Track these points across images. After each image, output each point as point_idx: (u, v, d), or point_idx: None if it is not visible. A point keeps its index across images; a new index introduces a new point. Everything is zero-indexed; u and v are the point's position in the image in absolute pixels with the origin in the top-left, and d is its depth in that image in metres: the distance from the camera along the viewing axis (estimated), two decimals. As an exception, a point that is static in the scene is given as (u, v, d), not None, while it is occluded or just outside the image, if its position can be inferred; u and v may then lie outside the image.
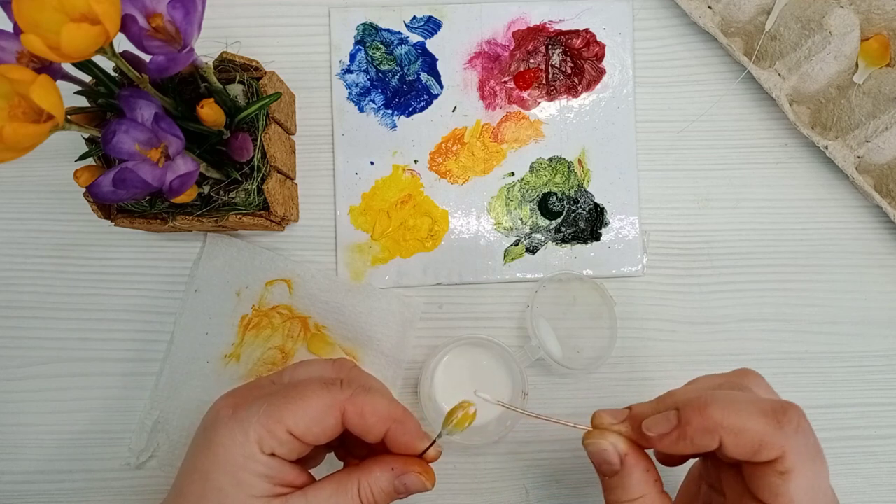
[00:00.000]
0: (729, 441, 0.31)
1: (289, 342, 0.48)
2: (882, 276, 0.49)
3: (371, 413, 0.35)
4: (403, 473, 0.35)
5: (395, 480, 0.35)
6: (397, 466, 0.36)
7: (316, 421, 0.34)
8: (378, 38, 0.49)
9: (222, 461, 0.33)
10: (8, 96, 0.29)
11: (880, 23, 0.46)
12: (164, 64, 0.33)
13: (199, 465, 0.34)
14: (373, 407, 0.35)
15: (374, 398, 0.35)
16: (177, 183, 0.35)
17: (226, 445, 0.34)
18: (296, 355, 0.48)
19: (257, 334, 0.48)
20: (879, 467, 0.49)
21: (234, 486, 0.33)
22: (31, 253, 0.49)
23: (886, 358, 0.49)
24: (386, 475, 0.35)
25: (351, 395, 0.35)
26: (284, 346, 0.48)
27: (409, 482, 0.35)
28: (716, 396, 0.32)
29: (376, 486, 0.35)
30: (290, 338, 0.48)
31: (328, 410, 0.34)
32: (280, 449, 0.34)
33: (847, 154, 0.47)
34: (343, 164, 0.49)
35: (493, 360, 0.46)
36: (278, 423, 0.34)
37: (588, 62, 0.49)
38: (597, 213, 0.49)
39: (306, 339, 0.48)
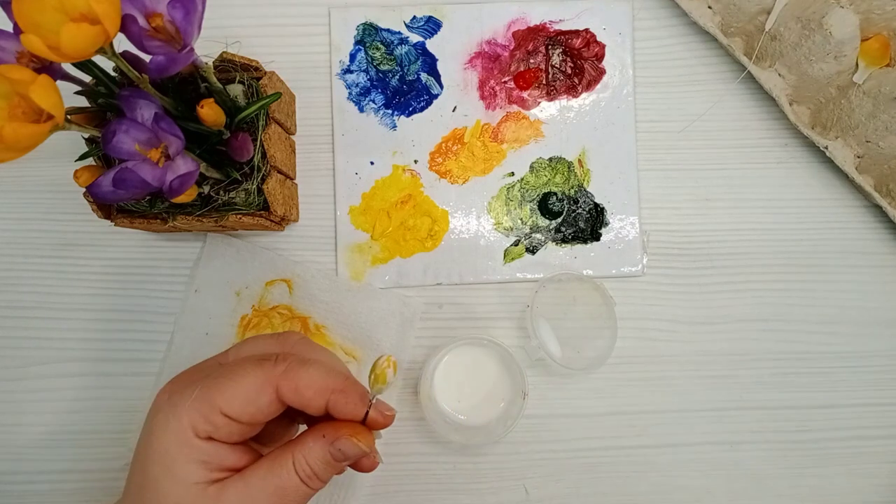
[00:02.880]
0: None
1: None
2: (882, 276, 0.49)
3: (306, 387, 0.34)
4: (336, 439, 0.34)
5: (329, 448, 0.34)
6: (328, 433, 0.34)
7: (249, 401, 0.33)
8: (378, 38, 0.49)
9: (156, 450, 0.33)
10: (8, 96, 0.29)
11: (880, 23, 0.46)
12: (164, 64, 0.33)
13: (139, 456, 0.34)
14: (308, 380, 0.34)
15: (309, 371, 0.34)
16: (177, 183, 0.35)
17: (158, 434, 0.33)
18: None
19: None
20: (879, 467, 0.49)
21: (167, 476, 0.32)
22: (31, 253, 0.49)
23: (886, 358, 0.49)
24: (318, 444, 0.34)
25: (284, 371, 0.34)
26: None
27: (343, 447, 0.34)
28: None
29: (311, 457, 0.34)
30: None
31: (261, 389, 0.33)
32: (217, 432, 0.33)
33: (847, 154, 0.47)
34: (343, 164, 0.49)
35: (492, 361, 0.46)
36: (210, 406, 0.33)
37: (588, 62, 0.49)
38: (597, 213, 0.49)
39: None
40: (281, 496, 0.33)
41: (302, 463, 0.34)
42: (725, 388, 0.49)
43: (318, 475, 0.34)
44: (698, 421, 0.48)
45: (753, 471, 0.48)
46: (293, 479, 0.34)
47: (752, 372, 0.49)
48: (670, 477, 0.48)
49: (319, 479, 0.34)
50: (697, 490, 0.48)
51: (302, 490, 0.34)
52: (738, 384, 0.49)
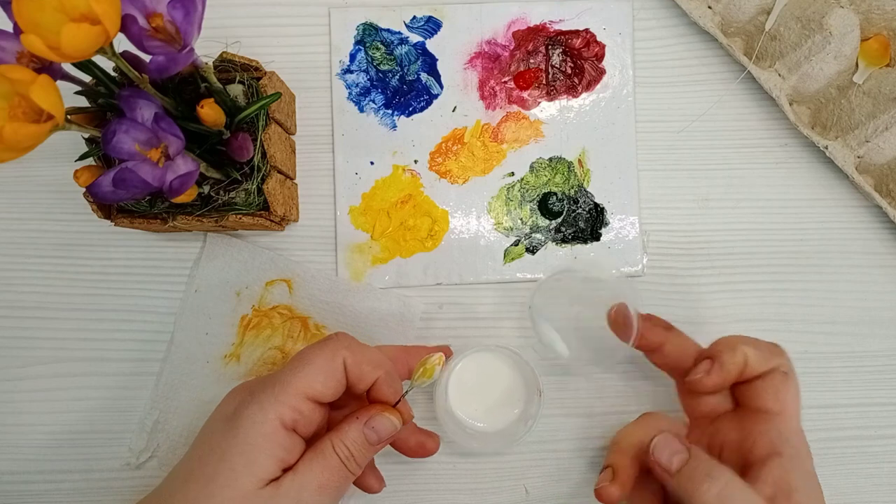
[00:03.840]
0: (750, 354, 0.39)
1: (289, 342, 0.48)
2: (882, 276, 0.49)
3: (367, 361, 0.37)
4: (369, 419, 0.37)
5: (363, 429, 0.37)
6: (362, 414, 0.37)
7: (327, 376, 0.36)
8: (378, 38, 0.49)
9: (241, 441, 0.34)
10: (8, 96, 0.29)
11: (880, 23, 0.46)
12: (164, 64, 0.33)
13: (217, 446, 0.35)
14: (368, 355, 0.37)
15: (368, 349, 0.38)
16: (177, 183, 0.35)
17: (246, 427, 0.35)
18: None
19: (257, 334, 0.48)
20: (879, 467, 0.49)
21: (245, 467, 0.34)
22: (31, 253, 0.49)
23: (886, 358, 0.49)
24: (354, 426, 0.37)
25: (348, 345, 0.37)
26: (284, 346, 0.48)
27: (376, 425, 0.37)
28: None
29: (348, 439, 0.36)
30: (290, 338, 0.48)
31: (332, 362, 0.36)
32: (302, 420, 0.35)
33: (847, 154, 0.47)
34: (343, 164, 0.49)
35: (503, 364, 0.46)
36: (295, 394, 0.35)
37: (588, 62, 0.49)
38: (597, 213, 0.49)
39: (306, 340, 0.48)
40: (326, 477, 0.35)
41: (341, 446, 0.36)
42: (725, 388, 0.49)
43: (354, 456, 0.36)
44: (698, 421, 0.48)
45: (753, 471, 0.48)
46: (334, 460, 0.36)
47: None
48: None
49: (356, 462, 0.37)
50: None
51: (342, 472, 0.36)
52: (738, 384, 0.49)
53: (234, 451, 0.34)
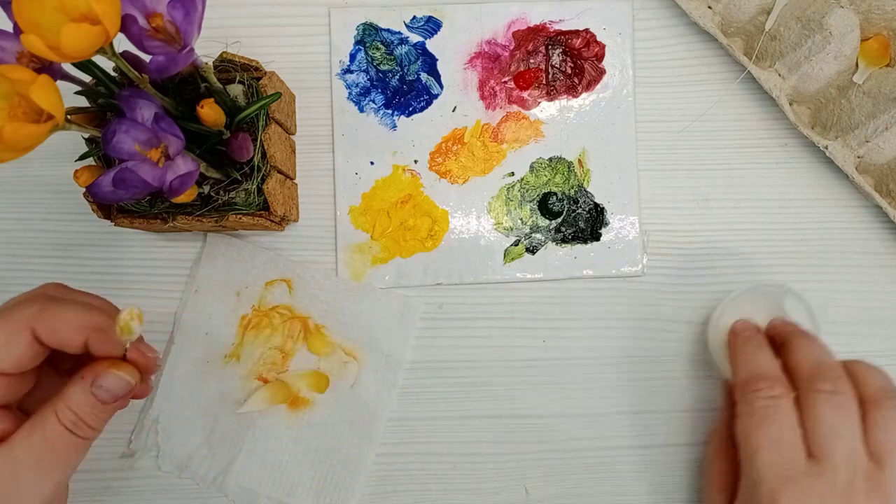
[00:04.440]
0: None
1: (289, 342, 0.48)
2: (882, 276, 0.49)
3: (63, 324, 0.32)
4: (96, 377, 0.32)
5: (91, 389, 0.32)
6: (87, 373, 0.33)
7: (6, 350, 0.32)
8: (378, 38, 0.49)
9: None
10: (8, 96, 0.29)
11: (880, 23, 0.46)
12: (164, 64, 0.33)
13: None
14: (64, 318, 0.33)
15: (65, 309, 0.33)
16: (177, 183, 0.35)
17: None
18: (296, 355, 0.48)
19: (257, 334, 0.48)
20: (879, 467, 0.49)
21: None
22: (31, 253, 0.49)
23: (886, 358, 0.49)
24: (78, 387, 0.32)
25: (38, 311, 0.32)
26: (284, 346, 0.48)
27: (106, 384, 0.33)
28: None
29: (73, 403, 0.32)
30: (291, 338, 0.48)
31: (14, 333, 0.32)
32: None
33: (847, 154, 0.47)
34: (343, 164, 0.49)
35: (778, 303, 0.46)
36: None
37: (588, 62, 0.49)
38: (597, 213, 0.49)
39: (306, 339, 0.48)
40: (48, 451, 0.31)
41: (64, 411, 0.32)
42: (725, 388, 0.49)
43: (85, 421, 0.32)
44: (699, 420, 0.48)
45: (753, 471, 0.48)
46: (57, 429, 0.32)
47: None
48: (671, 477, 0.48)
49: (89, 426, 0.33)
50: (699, 490, 0.48)
51: (70, 440, 0.32)
52: (738, 384, 0.49)
53: None
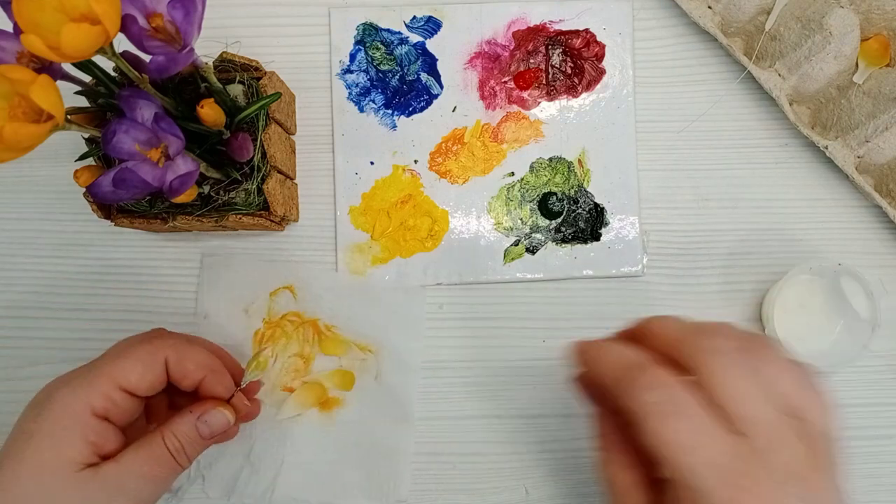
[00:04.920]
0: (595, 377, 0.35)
1: (306, 347, 0.48)
2: (882, 275, 0.49)
3: (190, 360, 0.37)
4: (203, 413, 0.37)
5: (196, 423, 0.37)
6: (195, 408, 0.38)
7: (145, 370, 0.36)
8: (378, 38, 0.49)
9: (50, 423, 0.34)
10: (8, 96, 0.29)
11: (880, 23, 0.46)
12: (164, 64, 0.33)
13: (27, 429, 0.35)
14: (192, 355, 0.38)
15: (194, 347, 0.38)
16: (177, 183, 0.35)
17: (55, 409, 0.34)
18: (316, 358, 0.48)
19: (273, 346, 0.48)
20: (879, 467, 0.49)
21: (52, 448, 0.34)
22: (31, 253, 0.49)
23: (886, 358, 0.49)
24: (186, 419, 0.37)
25: (173, 344, 0.37)
26: (303, 352, 0.48)
27: (209, 419, 0.37)
28: (600, 345, 0.34)
29: (179, 432, 0.37)
30: (307, 342, 0.48)
31: (153, 357, 0.36)
32: (115, 409, 0.35)
33: (847, 154, 0.47)
34: (343, 164, 0.49)
35: (827, 287, 0.47)
36: (109, 382, 0.35)
37: (588, 62, 0.49)
38: (597, 213, 0.49)
39: (321, 342, 0.48)
40: (152, 467, 0.35)
41: (171, 439, 0.36)
42: (725, 388, 0.49)
43: (185, 449, 0.37)
44: (698, 421, 0.48)
45: (753, 471, 0.48)
46: (163, 451, 0.36)
47: (752, 372, 0.49)
48: (670, 477, 0.48)
49: (187, 455, 0.37)
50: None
51: (170, 464, 0.36)
52: (738, 384, 0.49)
53: (42, 433, 0.34)
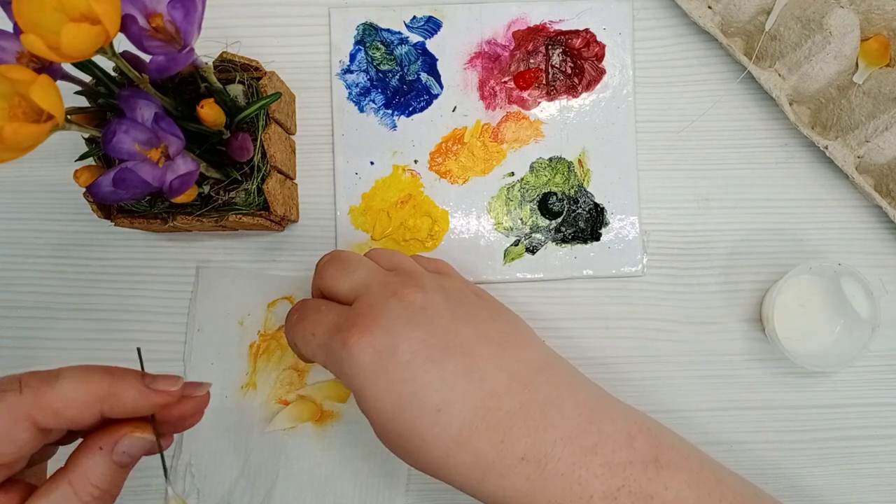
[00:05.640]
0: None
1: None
2: (882, 276, 0.49)
3: (68, 406, 0.28)
4: (115, 444, 0.29)
5: (112, 457, 0.29)
6: (105, 443, 0.29)
7: (4, 440, 0.28)
8: (378, 38, 0.49)
9: None
10: (8, 96, 0.29)
11: (880, 23, 0.46)
12: (164, 64, 0.33)
13: None
14: (64, 399, 0.28)
15: (63, 387, 0.28)
16: (177, 183, 0.35)
17: None
18: (311, 370, 0.48)
19: (268, 358, 0.48)
20: (879, 467, 0.49)
21: None
22: (31, 253, 0.49)
23: (886, 358, 0.49)
24: (98, 459, 0.29)
25: (34, 398, 0.28)
26: (298, 364, 0.48)
27: (127, 449, 0.29)
28: None
29: (94, 476, 0.29)
30: None
31: (13, 428, 0.28)
32: None
33: (847, 154, 0.47)
34: (343, 164, 0.49)
35: (827, 286, 0.47)
36: None
37: (588, 62, 0.49)
38: (597, 213, 0.49)
39: None
40: None
41: (86, 486, 0.29)
42: (725, 388, 0.49)
43: (108, 492, 0.30)
44: (698, 421, 0.48)
45: (753, 471, 0.48)
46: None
47: (752, 372, 0.49)
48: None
49: (112, 495, 0.30)
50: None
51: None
52: (738, 384, 0.49)
53: None
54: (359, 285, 0.38)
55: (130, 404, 0.30)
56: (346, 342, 0.35)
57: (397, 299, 0.36)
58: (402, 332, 0.35)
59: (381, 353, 0.34)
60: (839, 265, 0.45)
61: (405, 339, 0.35)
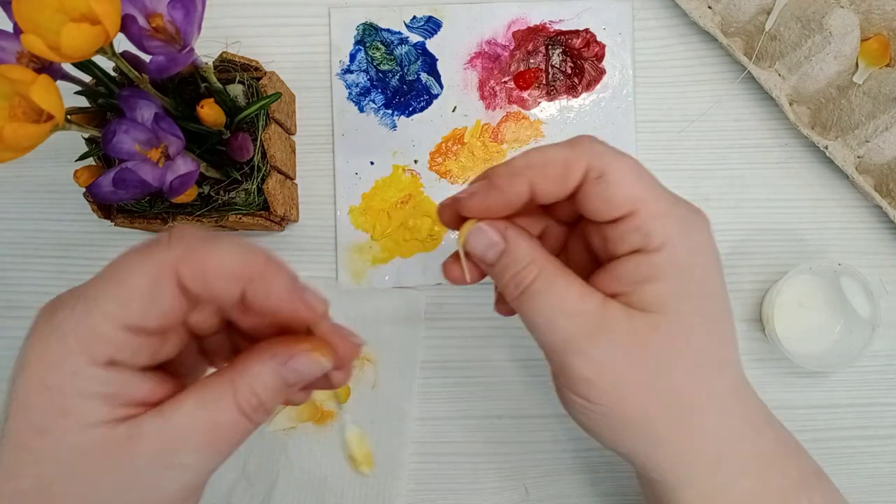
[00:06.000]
0: (537, 178, 0.30)
1: None
2: (882, 276, 0.49)
3: (215, 269, 0.25)
4: (290, 358, 0.26)
5: (281, 370, 0.26)
6: (278, 352, 0.27)
7: (148, 301, 0.25)
8: (378, 38, 0.49)
9: (38, 388, 0.25)
10: (8, 96, 0.30)
11: (880, 23, 0.46)
12: (164, 64, 0.33)
13: (14, 399, 0.25)
14: (217, 261, 0.25)
15: (217, 249, 0.26)
16: (177, 183, 0.35)
17: (39, 366, 0.25)
18: None
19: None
20: (879, 467, 0.49)
21: (58, 420, 0.24)
22: (31, 253, 0.49)
23: (886, 358, 0.49)
24: (268, 367, 0.26)
25: (183, 252, 0.25)
26: None
27: (299, 366, 0.27)
28: (521, 154, 0.31)
29: (259, 385, 0.26)
30: None
31: (157, 278, 0.25)
32: (120, 353, 0.25)
33: (847, 154, 0.47)
34: (343, 164, 0.49)
35: (828, 286, 0.47)
36: (104, 319, 0.25)
37: (588, 62, 0.49)
38: (597, 213, 0.49)
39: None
40: (215, 435, 0.26)
41: (247, 393, 0.26)
42: (725, 388, 0.49)
43: (265, 405, 0.27)
44: (698, 421, 0.48)
45: (753, 471, 0.48)
46: (232, 413, 0.26)
47: (752, 372, 0.49)
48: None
49: (265, 411, 0.27)
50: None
51: (243, 426, 0.26)
52: (738, 384, 0.49)
53: (36, 402, 0.25)
54: None
55: (275, 299, 0.26)
56: None
57: None
58: None
59: None
60: (839, 265, 0.45)
61: None
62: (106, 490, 0.25)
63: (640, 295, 0.30)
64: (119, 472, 0.25)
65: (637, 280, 0.30)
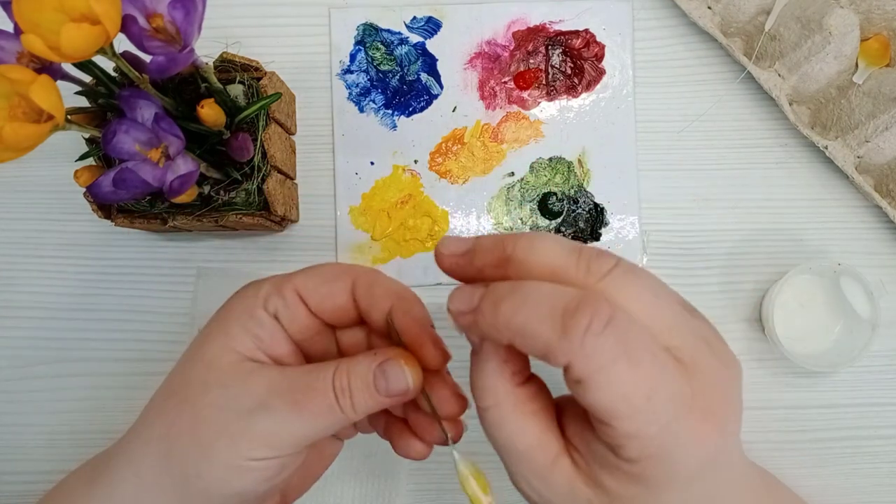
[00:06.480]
0: (518, 343, 0.27)
1: None
2: (882, 275, 0.49)
3: (380, 286, 0.32)
4: (385, 360, 0.30)
5: (373, 366, 0.30)
6: (381, 351, 0.31)
7: (329, 289, 0.32)
8: (378, 39, 0.49)
9: (224, 311, 0.33)
10: (8, 96, 0.30)
11: (880, 23, 0.46)
12: (164, 64, 0.33)
13: (205, 327, 0.33)
14: (382, 282, 0.32)
15: (385, 277, 0.33)
16: (177, 183, 0.35)
17: (232, 299, 0.33)
18: None
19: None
20: (879, 467, 0.49)
21: (220, 333, 0.32)
22: (31, 253, 0.49)
23: (886, 358, 0.49)
24: (364, 359, 0.30)
25: (364, 270, 0.33)
26: None
27: (388, 369, 0.30)
28: (519, 287, 0.27)
29: (353, 371, 0.30)
30: None
31: (339, 275, 0.32)
32: (286, 312, 0.32)
33: (847, 154, 0.47)
34: (343, 164, 0.49)
35: (829, 287, 0.47)
36: (289, 286, 0.32)
37: (588, 62, 0.49)
38: (597, 213, 0.49)
39: None
40: (305, 395, 0.30)
41: (342, 375, 0.30)
42: (725, 388, 0.49)
43: (352, 394, 0.30)
44: (698, 421, 0.48)
45: (753, 471, 0.48)
46: (326, 385, 0.30)
47: (752, 372, 0.49)
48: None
49: (352, 403, 0.30)
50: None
51: (327, 405, 0.30)
52: (738, 384, 0.49)
53: (216, 319, 0.32)
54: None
55: (409, 319, 0.32)
56: None
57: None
58: None
59: None
60: (839, 265, 0.45)
61: None
62: (220, 399, 0.30)
63: (607, 476, 0.27)
64: (233, 392, 0.30)
65: (606, 467, 0.27)
